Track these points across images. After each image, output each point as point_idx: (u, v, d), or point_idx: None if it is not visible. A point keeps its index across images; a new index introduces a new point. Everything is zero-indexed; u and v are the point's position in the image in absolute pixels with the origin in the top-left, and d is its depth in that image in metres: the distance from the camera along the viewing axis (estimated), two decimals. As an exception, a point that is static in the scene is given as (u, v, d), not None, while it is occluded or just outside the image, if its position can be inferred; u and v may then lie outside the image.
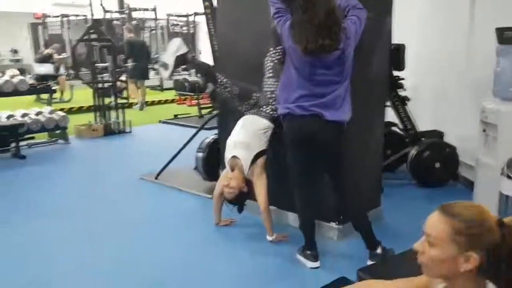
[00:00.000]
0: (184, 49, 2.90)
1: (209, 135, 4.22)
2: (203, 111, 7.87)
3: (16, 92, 5.48)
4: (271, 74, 2.85)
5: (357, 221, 2.68)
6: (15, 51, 15.45)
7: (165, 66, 2.93)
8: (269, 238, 3.04)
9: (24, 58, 14.89)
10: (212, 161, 4.00)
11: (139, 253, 3.00)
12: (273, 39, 2.72)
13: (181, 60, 2.92)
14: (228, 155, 2.97)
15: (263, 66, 2.94)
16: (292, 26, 2.34)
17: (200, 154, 4.10)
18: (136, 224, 3.50)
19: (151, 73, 10.57)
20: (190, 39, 13.04)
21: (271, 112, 2.93)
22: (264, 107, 2.98)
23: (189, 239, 3.22)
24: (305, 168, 2.61)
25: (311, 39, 2.26)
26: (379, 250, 2.61)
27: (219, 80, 3.02)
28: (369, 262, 2.58)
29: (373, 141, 3.29)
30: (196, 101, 8.45)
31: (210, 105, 7.78)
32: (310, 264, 2.69)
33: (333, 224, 3.05)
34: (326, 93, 2.39)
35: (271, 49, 2.81)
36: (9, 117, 5.50)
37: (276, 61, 2.75)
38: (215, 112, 4.46)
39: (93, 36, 6.86)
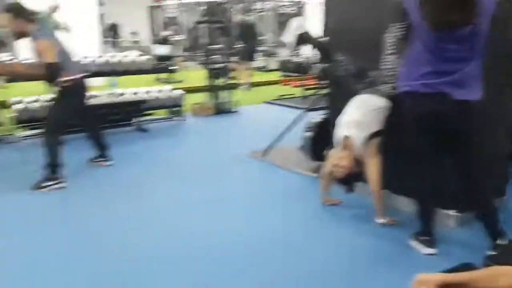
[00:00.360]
0: (303, 28, 2.93)
1: (316, 115, 4.24)
2: (307, 92, 7.87)
3: (140, 71, 5.99)
4: (392, 51, 2.75)
5: (482, 209, 2.51)
6: (134, 33, 16.82)
7: (285, 45, 2.99)
8: (378, 220, 2.99)
9: (142, 40, 16.14)
10: (319, 141, 4.02)
11: (243, 224, 3.16)
12: (396, 14, 2.62)
13: (300, 39, 2.95)
14: (340, 134, 2.96)
15: (383, 43, 2.85)
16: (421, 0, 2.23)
17: (308, 134, 4.14)
18: (242, 197, 3.67)
19: (257, 55, 10.79)
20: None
21: (389, 91, 2.84)
22: (382, 85, 2.90)
23: (293, 215, 3.29)
24: (427, 150, 2.49)
25: (442, 13, 2.13)
26: (503, 241, 2.43)
27: (336, 58, 3.00)
28: (491, 253, 2.42)
29: (502, 125, 3.03)
30: (300, 82, 8.48)
31: (315, 86, 7.76)
32: (425, 250, 2.60)
33: (451, 212, 2.90)
34: (455, 70, 2.24)
35: (393, 24, 2.70)
36: (134, 93, 6.04)
37: (398, 37, 2.65)
38: (321, 92, 4.47)
39: (209, 18, 7.21)
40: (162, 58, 8.69)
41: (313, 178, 3.95)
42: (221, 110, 7.04)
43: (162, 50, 9.65)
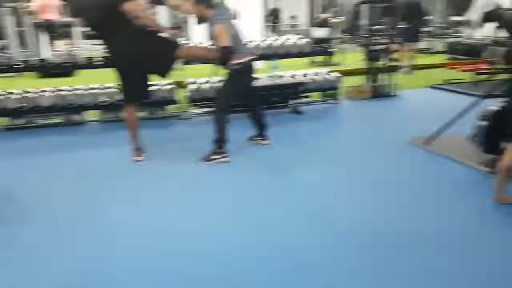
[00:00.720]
0: (492, 5, 2.61)
1: (493, 103, 3.78)
2: (479, 77, 7.07)
3: (300, 54, 6.11)
4: None
5: None
6: (293, 17, 17.22)
7: (469, 23, 2.72)
8: None
9: (301, 24, 16.43)
10: (496, 132, 3.59)
11: (398, 217, 3.01)
12: None
13: (488, 17, 2.65)
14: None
15: None
16: None
17: (483, 123, 3.73)
18: (399, 187, 3.50)
19: (422, 36, 10.02)
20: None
21: None
22: None
23: (458, 212, 3.04)
24: None
25: None
26: None
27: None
28: None
29: None
30: (470, 66, 7.66)
31: (490, 70, 6.93)
32: None
33: None
34: None
35: None
36: (292, 76, 6.20)
37: None
38: (499, 77, 3.96)
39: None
40: (320, 41, 8.71)
41: (484, 173, 3.57)
42: (379, 93, 6.79)
43: (320, 32, 9.67)
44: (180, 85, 6.13)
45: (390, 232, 2.78)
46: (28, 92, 5.41)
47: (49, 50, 9.07)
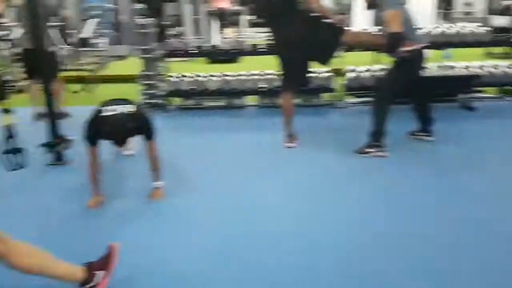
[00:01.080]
0: None
1: None
2: None
3: (477, 43, 5.47)
4: None
5: None
6: (468, 4, 15.49)
7: None
8: None
9: (477, 11, 14.71)
10: None
11: None
12: None
13: None
14: None
15: None
16: None
17: None
18: None
19: None
20: None
21: None
22: None
23: None
24: None
25: None
26: None
27: None
28: None
29: None
30: None
31: None
32: None
33: None
34: None
35: None
36: (465, 68, 5.56)
37: None
38: None
39: None
40: (500, 30, 7.65)
41: None
42: None
43: (501, 21, 8.49)
44: (338, 72, 5.99)
45: None
46: (199, 76, 5.88)
47: (219, 37, 9.78)
